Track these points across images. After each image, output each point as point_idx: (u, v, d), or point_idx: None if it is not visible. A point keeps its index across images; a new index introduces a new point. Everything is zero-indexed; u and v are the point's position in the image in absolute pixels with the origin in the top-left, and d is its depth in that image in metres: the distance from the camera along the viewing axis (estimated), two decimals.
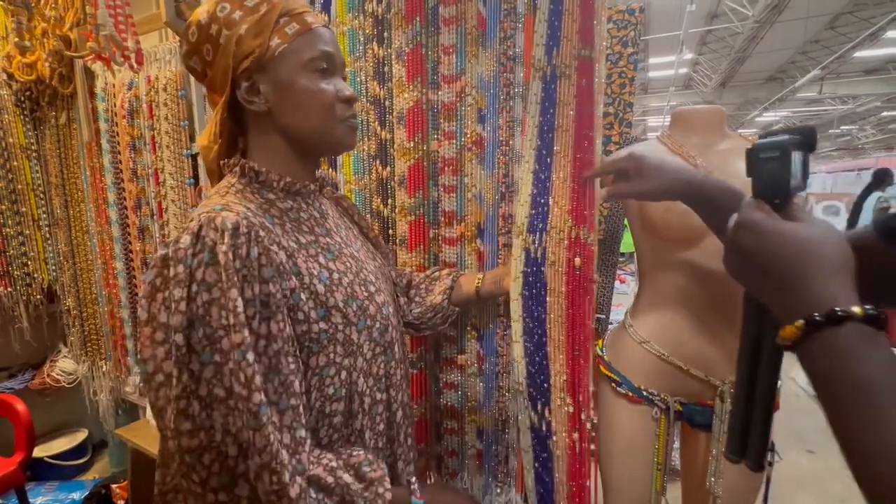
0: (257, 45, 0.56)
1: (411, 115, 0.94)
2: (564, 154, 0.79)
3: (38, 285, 1.91)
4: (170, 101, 1.38)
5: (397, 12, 0.93)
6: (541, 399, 0.82)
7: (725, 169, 0.84)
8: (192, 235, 0.50)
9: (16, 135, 1.82)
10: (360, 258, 0.66)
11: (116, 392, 1.82)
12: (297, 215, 0.61)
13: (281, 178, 0.60)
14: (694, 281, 0.84)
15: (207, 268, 0.49)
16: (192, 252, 0.49)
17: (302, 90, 0.58)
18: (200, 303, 0.48)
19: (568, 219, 0.79)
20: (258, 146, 0.62)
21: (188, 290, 0.48)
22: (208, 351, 0.48)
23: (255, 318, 0.49)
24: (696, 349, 0.86)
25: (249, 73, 0.57)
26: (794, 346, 0.34)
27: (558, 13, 0.77)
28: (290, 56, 0.57)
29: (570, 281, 0.78)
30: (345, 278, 0.60)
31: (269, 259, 0.52)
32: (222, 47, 0.57)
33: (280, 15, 0.57)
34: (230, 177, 0.61)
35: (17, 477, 1.45)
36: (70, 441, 2.06)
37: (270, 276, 0.52)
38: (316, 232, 0.62)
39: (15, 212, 1.84)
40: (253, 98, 0.58)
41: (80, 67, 1.56)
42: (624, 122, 1.13)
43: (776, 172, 0.40)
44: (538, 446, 0.84)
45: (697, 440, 0.93)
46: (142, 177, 1.50)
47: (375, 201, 1.03)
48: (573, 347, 0.79)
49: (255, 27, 0.56)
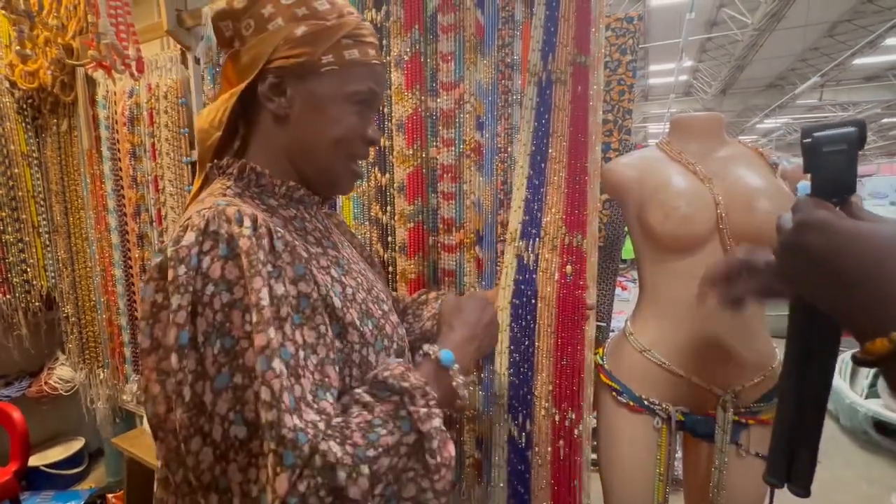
0: (306, 53, 0.51)
1: (410, 123, 0.94)
2: (559, 160, 0.78)
3: (36, 292, 1.91)
4: (170, 109, 1.38)
5: (396, 20, 0.93)
6: (522, 411, 0.81)
7: (725, 176, 0.84)
8: (196, 231, 0.41)
9: (17, 142, 1.82)
10: (368, 276, 0.59)
11: (114, 400, 1.81)
12: (302, 224, 0.55)
13: (283, 183, 0.54)
14: (693, 288, 0.83)
15: (227, 263, 0.41)
16: (198, 250, 0.41)
17: (331, 117, 0.53)
18: (218, 307, 0.40)
19: (561, 225, 0.78)
20: (261, 146, 0.55)
21: (193, 296, 0.40)
22: (226, 372, 0.39)
23: (287, 320, 0.41)
24: (697, 358, 0.84)
25: (283, 72, 0.51)
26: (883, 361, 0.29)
27: (554, 19, 0.77)
28: (335, 79, 0.52)
29: (561, 288, 0.77)
30: (358, 294, 0.53)
31: (297, 256, 0.45)
32: (268, 34, 0.51)
33: (345, 35, 0.52)
34: (224, 179, 0.53)
35: (12, 487, 1.44)
36: (66, 450, 2.04)
37: (301, 274, 0.45)
38: (324, 244, 0.55)
39: (15, 219, 1.84)
40: (273, 98, 0.52)
41: (81, 75, 1.57)
42: (623, 129, 1.13)
43: (841, 167, 0.36)
44: (515, 459, 0.83)
45: (700, 451, 0.92)
46: (141, 184, 1.50)
47: (374, 208, 1.03)
48: (561, 356, 0.78)
49: (313, 34, 0.51)
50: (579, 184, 0.78)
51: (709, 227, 0.81)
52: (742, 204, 0.79)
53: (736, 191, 0.81)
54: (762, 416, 0.85)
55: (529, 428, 0.81)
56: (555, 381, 0.79)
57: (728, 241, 0.80)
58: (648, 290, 0.90)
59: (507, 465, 0.85)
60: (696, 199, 0.81)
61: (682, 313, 0.84)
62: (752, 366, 0.85)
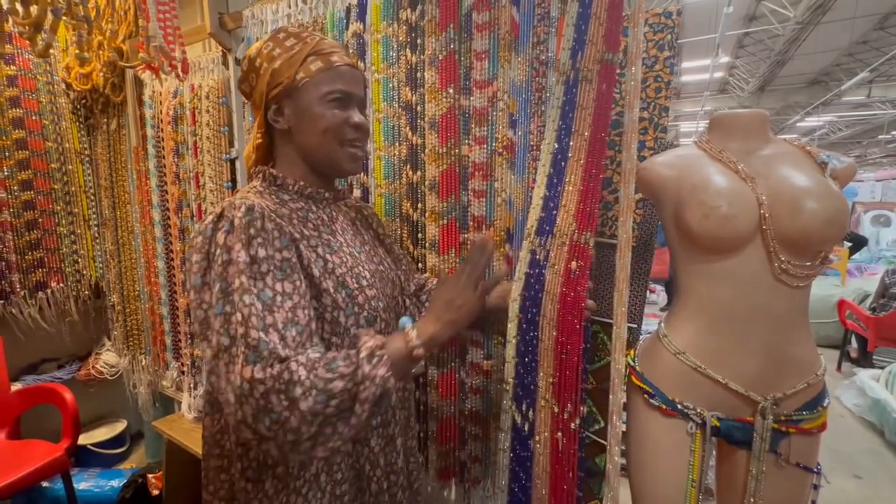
0: (286, 77, 0.69)
1: (444, 121, 0.95)
2: (577, 158, 0.78)
3: (86, 281, 2.03)
4: (211, 108, 1.45)
5: (431, 19, 0.95)
6: (527, 399, 0.81)
7: (769, 175, 0.81)
8: (215, 215, 0.61)
9: (71, 140, 1.95)
10: (358, 258, 0.74)
11: (154, 385, 1.91)
12: (305, 214, 0.71)
13: (295, 183, 0.72)
14: (733, 290, 0.81)
15: (228, 234, 0.59)
16: (212, 227, 0.60)
17: (315, 115, 0.70)
18: (220, 262, 0.58)
19: (572, 222, 0.77)
20: (281, 157, 0.75)
21: (207, 254, 0.59)
22: (220, 303, 0.56)
23: (268, 274, 0.58)
24: (734, 362, 0.82)
25: (278, 98, 0.70)
26: None
27: (586, 17, 0.77)
28: (311, 87, 0.69)
29: (565, 283, 0.77)
30: (338, 269, 0.68)
31: (283, 232, 0.63)
32: (261, 76, 0.71)
33: (308, 54, 0.69)
34: (255, 181, 0.74)
35: (64, 462, 1.54)
36: (111, 431, 2.17)
37: (285, 245, 0.62)
38: (320, 230, 0.71)
39: (68, 212, 1.97)
40: (278, 118, 0.72)
41: (130, 77, 1.66)
42: (659, 127, 1.10)
43: None
44: (518, 446, 0.83)
45: (735, 459, 0.89)
46: (184, 180, 1.57)
47: (405, 205, 1.04)
48: (561, 350, 0.78)
49: (287, 62, 0.69)
50: (594, 181, 0.77)
51: (751, 228, 0.78)
52: (787, 204, 0.76)
53: (781, 190, 0.78)
54: (804, 425, 0.82)
55: (532, 417, 0.81)
56: (555, 374, 0.79)
57: (771, 243, 0.78)
58: (684, 291, 0.88)
59: (510, 450, 0.85)
60: (737, 198, 0.78)
61: (720, 316, 0.82)
62: (794, 372, 0.82)
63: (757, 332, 0.80)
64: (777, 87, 9.52)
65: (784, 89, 9.56)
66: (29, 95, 1.80)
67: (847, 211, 0.77)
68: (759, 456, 0.82)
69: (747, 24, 6.69)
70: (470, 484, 1.04)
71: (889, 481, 2.19)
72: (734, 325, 0.81)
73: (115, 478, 1.80)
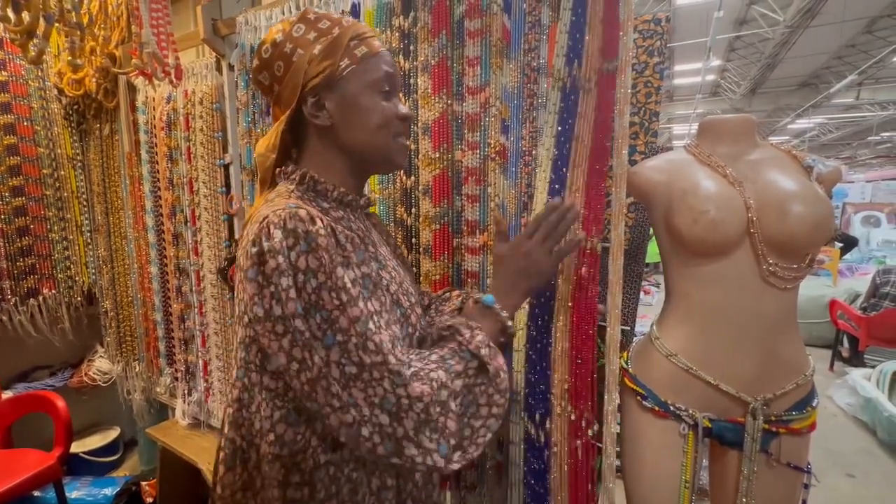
0: (328, 65, 0.59)
1: (437, 126, 0.95)
2: (579, 164, 0.79)
3: (79, 288, 2.02)
4: (205, 114, 1.45)
5: (423, 26, 0.95)
6: (540, 409, 0.82)
7: (756, 179, 0.82)
8: (281, 229, 0.51)
9: (64, 146, 1.93)
10: (400, 272, 0.68)
11: (148, 392, 1.89)
12: (348, 224, 0.62)
13: (335, 188, 0.63)
14: (723, 293, 0.82)
15: (308, 256, 0.51)
16: (287, 244, 0.51)
17: (365, 108, 0.61)
18: (310, 290, 0.51)
19: (579, 228, 0.79)
20: (315, 158, 0.64)
21: (294, 279, 0.50)
22: (329, 334, 0.51)
23: (360, 296, 0.53)
24: (725, 364, 0.83)
25: (317, 90, 0.60)
26: None
27: (580, 25, 0.78)
28: (356, 76, 0.61)
29: (576, 289, 0.78)
30: (392, 286, 0.62)
31: (356, 245, 0.57)
32: (295, 65, 0.60)
33: (350, 38, 0.61)
34: (287, 183, 0.62)
35: (56, 471, 1.52)
36: (103, 438, 2.14)
37: (362, 259, 0.57)
38: (365, 242, 0.63)
39: (60, 218, 1.95)
40: (318, 113, 0.61)
41: (123, 82, 1.65)
42: (649, 132, 1.12)
43: None
44: (533, 458, 0.83)
45: (727, 459, 0.90)
46: (177, 185, 1.57)
47: (399, 210, 1.05)
48: (576, 356, 0.78)
49: (327, 48, 0.60)
50: (598, 188, 0.79)
51: (739, 232, 0.79)
52: (775, 208, 0.78)
53: (768, 194, 0.79)
54: (794, 425, 0.83)
55: (549, 426, 0.81)
56: (570, 381, 0.79)
57: (759, 246, 0.79)
58: (675, 294, 0.89)
59: (524, 463, 0.85)
60: (725, 202, 0.80)
61: (711, 318, 0.83)
62: (784, 373, 0.83)
63: (747, 334, 0.81)
64: (768, 90, 9.63)
65: (775, 92, 9.67)
66: (20, 101, 1.79)
67: (832, 214, 0.79)
68: (751, 456, 0.83)
69: (738, 27, 6.77)
70: (466, 491, 1.04)
71: (881, 480, 2.21)
72: (724, 327, 0.82)
73: (108, 486, 1.78)
